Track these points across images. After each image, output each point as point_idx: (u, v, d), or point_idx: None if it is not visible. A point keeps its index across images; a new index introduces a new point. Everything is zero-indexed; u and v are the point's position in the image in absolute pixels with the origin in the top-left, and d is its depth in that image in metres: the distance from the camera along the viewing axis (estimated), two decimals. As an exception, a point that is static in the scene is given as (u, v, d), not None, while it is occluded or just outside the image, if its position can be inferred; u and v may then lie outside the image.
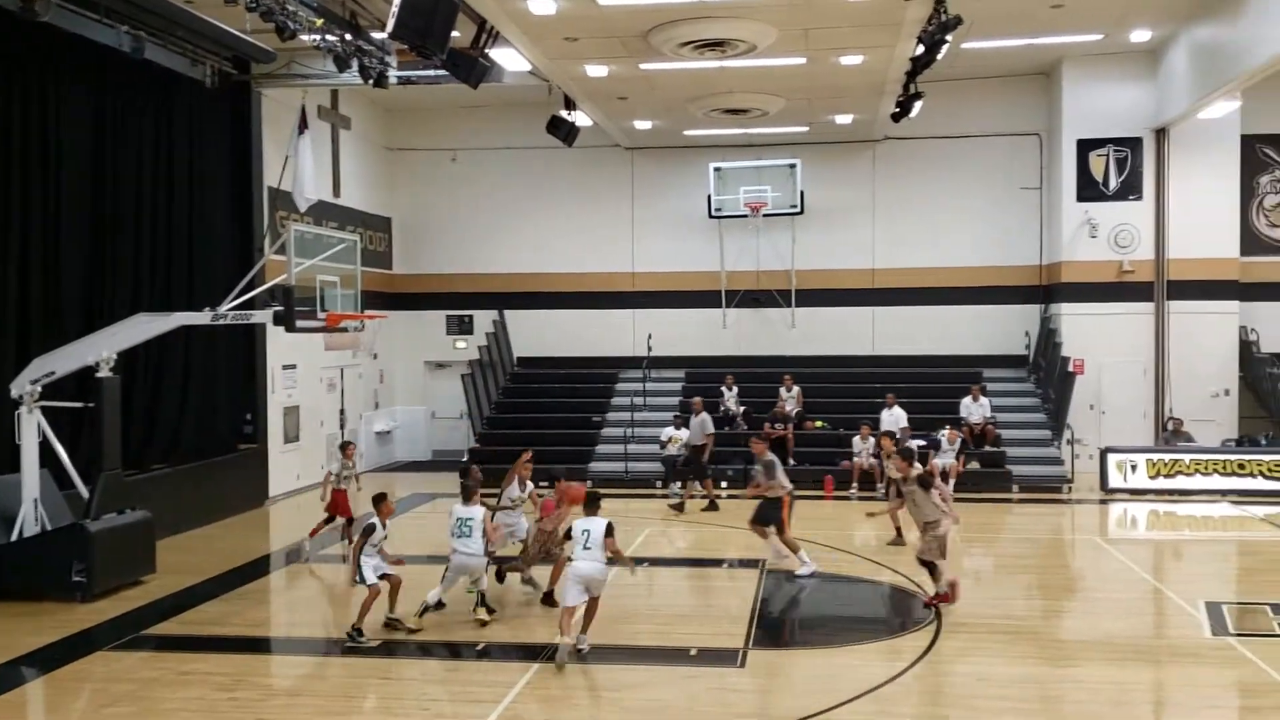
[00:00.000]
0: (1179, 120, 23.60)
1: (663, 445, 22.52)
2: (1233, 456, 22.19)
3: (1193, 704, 10.08)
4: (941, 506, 13.25)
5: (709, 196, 26.56)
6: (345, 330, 17.60)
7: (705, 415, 21.74)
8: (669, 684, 10.57)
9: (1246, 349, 24.62)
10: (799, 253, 27.07)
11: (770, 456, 15.74)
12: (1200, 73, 21.37)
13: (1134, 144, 24.67)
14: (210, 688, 10.50)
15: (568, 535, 11.94)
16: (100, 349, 14.83)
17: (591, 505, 11.82)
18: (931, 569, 13.18)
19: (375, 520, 12.27)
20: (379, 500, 12.55)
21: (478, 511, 12.41)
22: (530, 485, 14.32)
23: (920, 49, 17.46)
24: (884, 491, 19.32)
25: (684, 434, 22.29)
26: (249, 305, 16.47)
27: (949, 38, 16.41)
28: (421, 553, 14.93)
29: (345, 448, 17.32)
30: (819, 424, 24.55)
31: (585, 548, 11.29)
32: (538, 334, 28.15)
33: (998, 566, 16.83)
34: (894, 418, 22.36)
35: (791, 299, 27.16)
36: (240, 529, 19.33)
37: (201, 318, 15.97)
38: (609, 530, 11.36)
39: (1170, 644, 12.15)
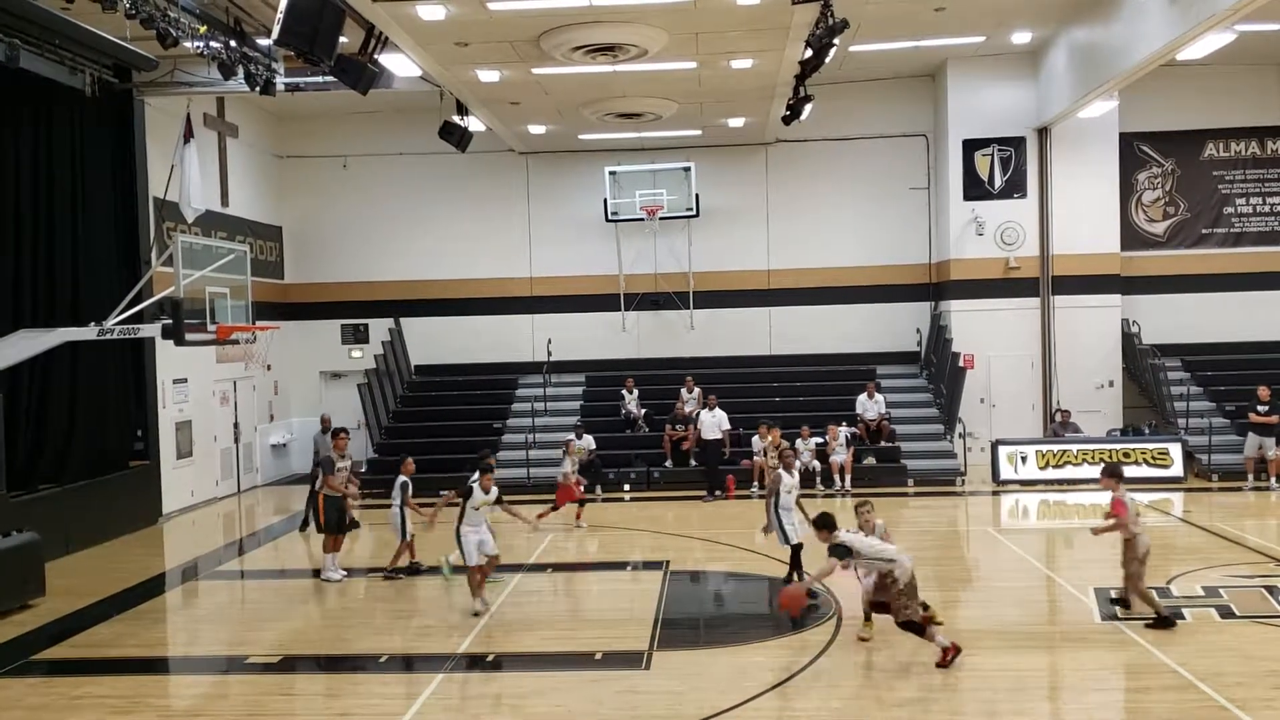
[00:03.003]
0: (1060, 119, 24.27)
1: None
2: (1118, 446, 22.89)
3: (1084, 686, 10.37)
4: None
5: (605, 200, 26.61)
6: (237, 342, 17.38)
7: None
8: (575, 689, 10.56)
9: (1129, 341, 25.39)
10: (695, 255, 27.27)
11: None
12: (1079, 73, 22.02)
13: (1017, 143, 25.31)
14: (104, 712, 10.23)
15: None
16: (-20, 367, 14.39)
17: None
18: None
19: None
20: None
21: None
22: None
23: (808, 52, 17.68)
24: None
25: (587, 441, 22.41)
26: (137, 319, 16.14)
27: (836, 41, 16.65)
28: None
29: (569, 444, 19.44)
30: (719, 424, 24.69)
31: None
32: (435, 342, 27.94)
33: (896, 560, 17.12)
34: (715, 419, 22.63)
35: (689, 301, 27.35)
36: (133, 548, 18.83)
37: (87, 333, 15.59)
38: None
39: (1062, 629, 12.49)
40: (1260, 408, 21.48)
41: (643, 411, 24.98)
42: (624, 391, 25.25)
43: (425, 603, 14.22)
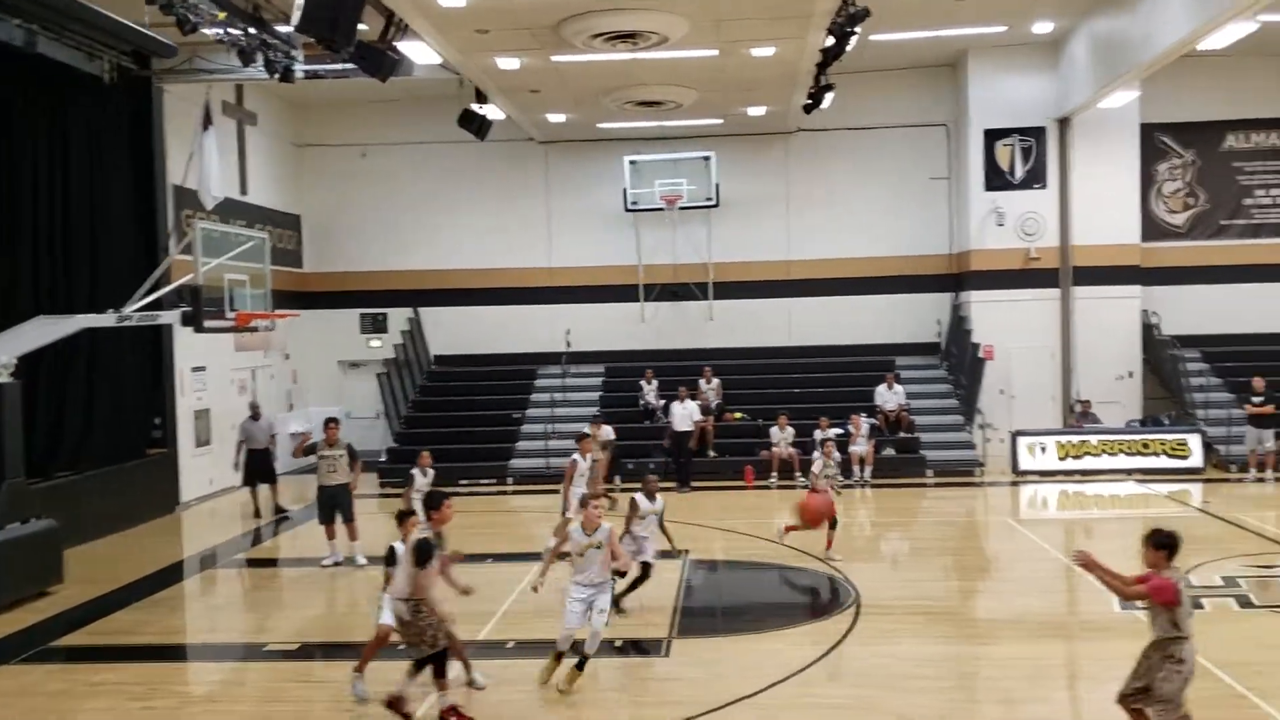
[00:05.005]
0: (1081, 110, 24.12)
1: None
2: (1138, 437, 22.78)
3: (1105, 675, 10.21)
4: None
5: (624, 190, 26.51)
6: (256, 330, 17.36)
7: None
8: (595, 675, 10.53)
9: (1149, 332, 25.22)
10: (715, 245, 27.17)
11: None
12: (1100, 63, 21.87)
13: (1038, 133, 25.16)
14: (123, 698, 10.26)
15: None
16: (-1, 354, 14.45)
17: None
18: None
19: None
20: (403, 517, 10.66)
21: None
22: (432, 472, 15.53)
23: (830, 40, 17.65)
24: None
25: (605, 432, 22.39)
26: (156, 306, 16.16)
27: (857, 29, 16.61)
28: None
29: (824, 444, 16.89)
30: (738, 415, 24.67)
31: None
32: (454, 332, 27.92)
33: (914, 550, 17.09)
34: (686, 411, 22.64)
35: (709, 291, 27.25)
36: (151, 536, 18.88)
37: (106, 320, 15.62)
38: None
39: (1082, 619, 12.45)
40: (1255, 399, 21.36)
41: (662, 403, 24.86)
42: (643, 382, 25.19)
43: (444, 591, 14.16)
